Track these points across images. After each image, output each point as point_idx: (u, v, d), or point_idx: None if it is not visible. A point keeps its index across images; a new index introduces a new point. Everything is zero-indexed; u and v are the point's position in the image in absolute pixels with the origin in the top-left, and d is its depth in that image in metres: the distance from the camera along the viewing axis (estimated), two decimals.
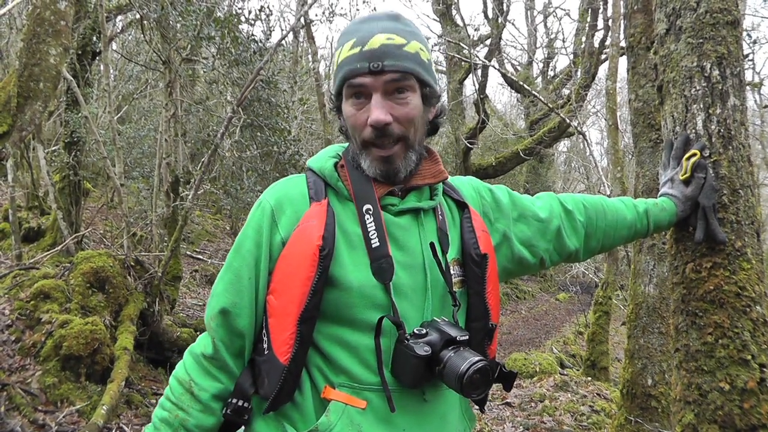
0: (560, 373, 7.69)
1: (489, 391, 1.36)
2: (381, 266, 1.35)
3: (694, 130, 1.91)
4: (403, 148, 1.40)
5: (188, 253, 12.04)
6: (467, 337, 1.33)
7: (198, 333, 6.96)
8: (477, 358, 1.27)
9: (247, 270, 1.39)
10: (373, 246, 1.36)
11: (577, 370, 9.23)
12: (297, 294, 1.31)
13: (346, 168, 1.45)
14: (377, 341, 1.32)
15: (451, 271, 1.45)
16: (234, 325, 1.39)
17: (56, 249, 7.78)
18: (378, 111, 1.35)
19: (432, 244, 1.41)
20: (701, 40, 1.93)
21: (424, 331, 1.32)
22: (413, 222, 1.45)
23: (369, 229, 1.37)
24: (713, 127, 1.88)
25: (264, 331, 1.38)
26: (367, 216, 1.38)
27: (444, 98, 1.57)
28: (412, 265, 1.40)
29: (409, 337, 1.32)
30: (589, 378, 7.44)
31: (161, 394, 5.50)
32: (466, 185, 1.66)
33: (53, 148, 10.88)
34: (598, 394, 6.47)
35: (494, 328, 1.49)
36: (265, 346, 1.36)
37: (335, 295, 1.33)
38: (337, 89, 1.45)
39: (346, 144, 1.53)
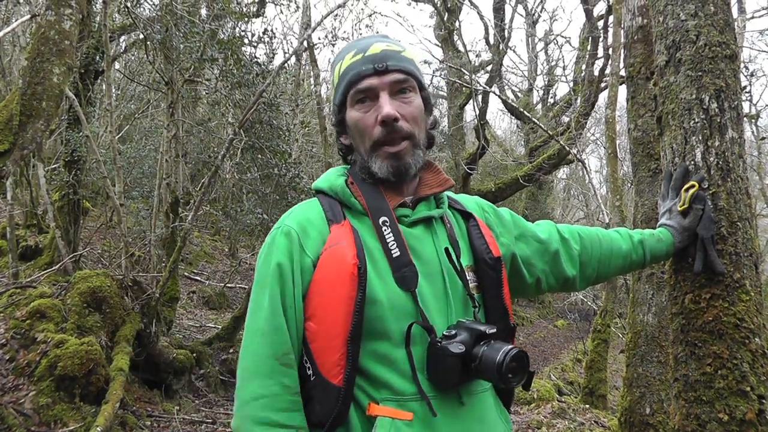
0: (558, 400, 7.64)
1: (522, 381, 1.38)
2: (404, 275, 1.38)
3: (693, 162, 1.93)
4: (410, 146, 1.46)
5: (186, 274, 12.01)
6: (495, 330, 1.37)
7: (194, 355, 6.92)
8: (509, 347, 1.32)
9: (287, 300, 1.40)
10: (394, 256, 1.39)
11: (575, 397, 9.17)
12: (341, 314, 1.32)
13: (356, 184, 1.50)
14: (408, 349, 1.35)
15: (467, 276, 1.49)
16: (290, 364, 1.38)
17: (54, 268, 7.75)
18: (388, 106, 1.42)
19: (447, 250, 1.45)
20: (700, 73, 1.95)
21: (453, 332, 1.35)
22: (426, 231, 1.49)
23: (388, 240, 1.41)
24: (712, 159, 1.90)
25: (306, 357, 1.38)
26: (384, 228, 1.42)
27: (441, 120, 1.63)
28: (431, 272, 1.44)
29: (440, 340, 1.34)
30: (587, 406, 7.39)
31: (156, 416, 5.42)
32: (469, 200, 1.72)
33: (53, 167, 10.89)
34: (595, 422, 6.43)
35: (515, 327, 1.55)
36: (310, 372, 1.36)
37: (369, 310, 1.35)
38: (341, 98, 1.51)
39: (347, 167, 1.59)
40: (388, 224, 1.42)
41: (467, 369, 1.33)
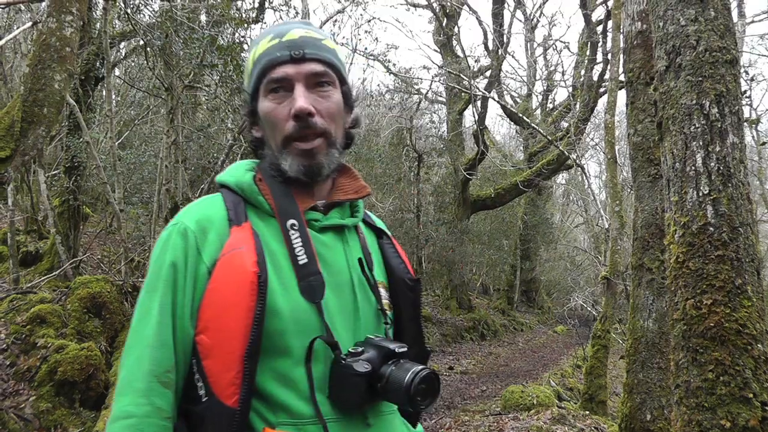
0: (558, 407, 7.62)
1: (433, 405, 1.26)
2: (310, 284, 1.25)
3: (693, 167, 1.93)
4: (324, 144, 1.33)
5: None
6: (405, 349, 1.27)
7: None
8: (420, 368, 1.21)
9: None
10: (301, 263, 1.26)
11: (575, 403, 9.15)
12: (238, 328, 1.18)
13: (265, 181, 1.36)
14: (308, 366, 1.22)
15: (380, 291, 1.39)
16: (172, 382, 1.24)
17: (54, 273, 7.76)
18: (302, 99, 1.29)
19: (360, 260, 1.36)
20: (700, 78, 1.95)
21: (360, 350, 1.25)
22: (337, 239, 1.37)
23: (295, 246, 1.28)
24: (713, 164, 1.90)
25: (198, 376, 1.22)
26: (292, 231, 1.29)
27: (441, 126, 1.53)
28: (339, 283, 1.32)
29: (345, 357, 1.23)
30: (587, 412, 7.37)
31: None
32: (377, 220, 1.61)
33: (54, 173, 10.90)
34: (595, 428, 6.41)
35: (430, 352, 1.46)
36: (203, 392, 1.21)
37: (269, 323, 1.21)
38: (253, 86, 1.37)
39: (256, 161, 1.45)
40: (296, 228, 1.29)
41: (373, 389, 1.22)
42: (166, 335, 1.22)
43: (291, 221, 1.30)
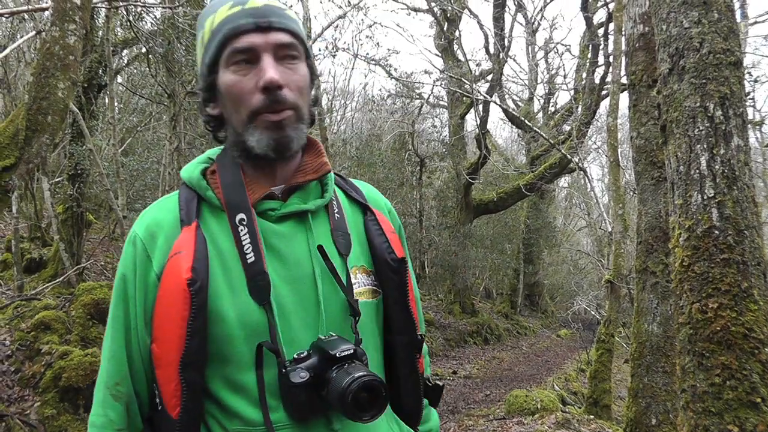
0: (562, 411, 7.60)
1: (378, 417, 1.15)
2: (258, 284, 1.17)
3: (698, 170, 1.92)
4: (295, 117, 1.22)
5: None
6: (352, 351, 1.16)
7: None
8: (361, 373, 1.10)
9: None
10: (249, 262, 1.18)
11: (579, 407, 9.13)
12: (175, 338, 1.13)
13: (217, 173, 1.26)
14: (259, 372, 1.16)
15: (353, 279, 1.27)
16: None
17: (57, 280, 7.77)
18: (272, 71, 1.17)
19: (321, 248, 1.23)
20: (704, 81, 1.95)
21: (304, 354, 1.15)
22: (298, 227, 1.26)
23: (244, 243, 1.19)
24: (717, 167, 1.89)
25: (155, 384, 1.20)
26: (241, 227, 1.20)
27: (442, 130, 1.45)
28: (298, 277, 1.22)
29: (288, 364, 1.14)
30: (592, 416, 7.35)
31: None
32: (370, 189, 1.49)
33: (57, 180, 10.93)
34: None
35: (423, 338, 1.35)
36: (158, 400, 1.19)
37: (215, 330, 1.16)
38: (212, 58, 1.23)
39: (220, 149, 1.35)
40: (245, 223, 1.20)
41: (320, 397, 1.14)
42: (116, 348, 1.21)
43: (239, 216, 1.21)
